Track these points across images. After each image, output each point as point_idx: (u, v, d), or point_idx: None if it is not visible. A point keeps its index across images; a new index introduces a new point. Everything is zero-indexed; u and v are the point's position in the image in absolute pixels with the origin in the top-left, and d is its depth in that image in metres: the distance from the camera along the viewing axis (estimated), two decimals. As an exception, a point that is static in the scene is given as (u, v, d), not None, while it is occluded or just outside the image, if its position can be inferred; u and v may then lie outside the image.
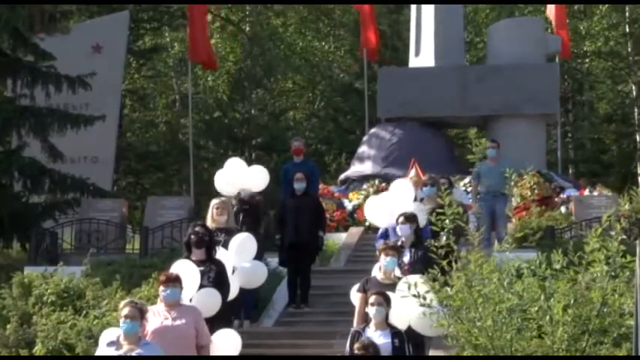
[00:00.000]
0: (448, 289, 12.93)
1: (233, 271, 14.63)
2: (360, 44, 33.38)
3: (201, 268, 13.77)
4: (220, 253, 14.43)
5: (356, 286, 13.80)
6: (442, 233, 13.30)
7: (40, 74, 24.83)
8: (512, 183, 22.40)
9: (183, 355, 12.44)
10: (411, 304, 13.08)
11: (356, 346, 11.63)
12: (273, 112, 44.01)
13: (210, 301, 13.56)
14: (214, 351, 13.05)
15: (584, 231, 18.87)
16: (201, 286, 13.59)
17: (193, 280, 13.52)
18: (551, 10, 31.53)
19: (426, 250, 14.46)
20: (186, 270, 13.54)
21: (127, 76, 36.20)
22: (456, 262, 13.01)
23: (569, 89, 41.55)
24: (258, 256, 16.13)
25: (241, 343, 13.21)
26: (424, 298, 12.81)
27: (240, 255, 14.60)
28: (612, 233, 12.89)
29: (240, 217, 16.36)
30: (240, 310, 15.69)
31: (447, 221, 13.43)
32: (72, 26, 28.45)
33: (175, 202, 24.64)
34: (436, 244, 13.60)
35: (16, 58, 25.27)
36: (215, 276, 14.07)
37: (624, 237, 12.80)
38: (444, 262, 13.18)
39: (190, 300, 13.18)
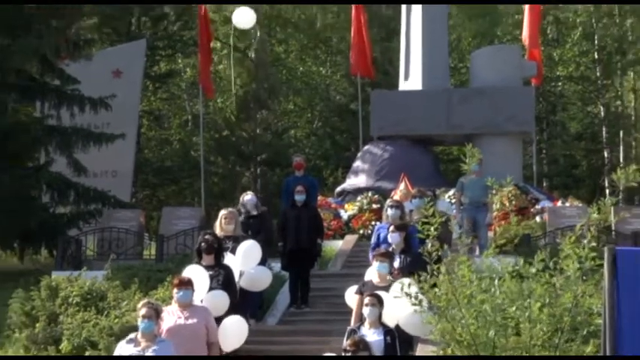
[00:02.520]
0: (437, 289, 12.98)
1: (240, 275, 14.67)
2: (352, 66, 33.40)
3: (211, 272, 13.79)
4: (228, 259, 14.45)
5: (352, 288, 13.84)
6: (427, 241, 13.36)
7: (66, 97, 24.84)
8: (495, 191, 22.51)
9: (195, 350, 12.44)
10: (401, 306, 13.10)
11: (347, 342, 11.65)
12: (276, 131, 44.01)
13: (219, 302, 13.56)
14: (223, 333, 13.10)
15: (558, 238, 18.89)
16: (211, 289, 13.61)
17: (204, 283, 13.54)
18: (526, 38, 31.56)
19: (414, 257, 14.54)
20: (198, 274, 13.54)
21: (143, 98, 36.24)
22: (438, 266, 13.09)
23: (543, 110, 41.57)
24: (262, 262, 16.20)
25: (247, 329, 13.34)
26: (416, 298, 12.88)
27: (246, 260, 14.62)
28: (584, 241, 12.93)
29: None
30: (247, 310, 15.69)
31: (432, 229, 13.50)
32: (94, 53, 28.47)
33: (188, 212, 24.63)
34: (426, 250, 13.68)
35: (43, 82, 25.29)
36: (223, 279, 14.09)
37: (594, 244, 12.83)
38: (435, 266, 13.25)
39: (201, 301, 13.18)
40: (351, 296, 13.83)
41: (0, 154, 23.71)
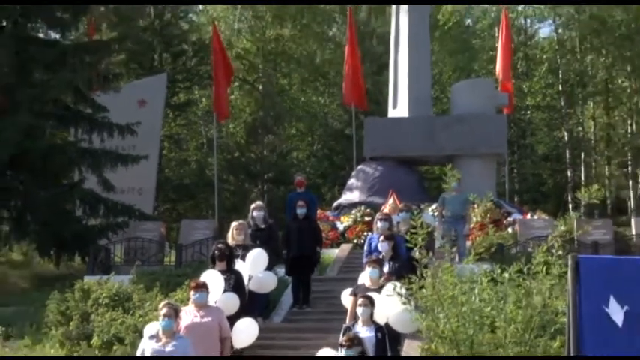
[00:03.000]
0: (423, 291, 13.00)
1: (249, 279, 14.69)
2: (344, 96, 33.48)
3: (224, 277, 13.79)
4: (239, 265, 14.47)
5: (347, 290, 13.89)
6: (414, 249, 13.40)
7: (97, 123, 24.87)
8: (475, 206, 22.52)
9: (210, 345, 12.43)
10: (390, 306, 13.11)
11: (343, 338, 11.66)
12: (280, 153, 44.07)
13: (230, 303, 13.56)
14: (237, 333, 13.11)
15: (530, 247, 18.89)
16: (224, 291, 13.62)
17: (218, 286, 13.53)
18: (499, 72, 31.62)
19: (401, 263, 14.58)
20: (212, 278, 13.55)
21: (164, 125, 36.25)
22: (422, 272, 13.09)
23: (514, 135, 41.63)
24: (269, 268, 16.20)
25: (258, 330, 13.35)
26: (406, 298, 12.90)
27: (254, 266, 14.71)
28: (553, 250, 12.96)
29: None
30: (255, 310, 15.68)
31: (421, 237, 13.54)
32: (122, 85, 28.50)
33: (203, 224, 24.58)
34: (415, 257, 13.72)
35: (77, 110, 25.33)
36: (234, 283, 14.10)
37: (560, 252, 12.85)
38: (423, 271, 13.26)
39: (215, 302, 13.17)
40: (346, 297, 13.87)
41: (39, 173, 23.74)
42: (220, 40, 32.74)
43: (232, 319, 13.18)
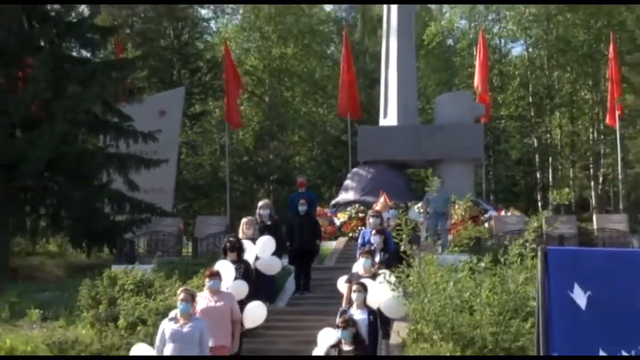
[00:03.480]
0: (410, 279, 13.00)
1: (256, 259, 14.75)
2: (339, 107, 33.50)
3: (234, 266, 13.78)
4: (248, 245, 14.62)
5: (342, 278, 13.88)
6: (401, 243, 13.43)
7: (123, 131, 24.84)
8: (455, 204, 22.53)
9: (222, 327, 12.39)
10: (381, 293, 13.10)
11: (339, 320, 11.63)
12: (284, 157, 44.05)
13: (240, 289, 13.55)
14: (248, 313, 13.11)
15: (506, 240, 18.88)
16: (235, 279, 13.61)
17: (229, 274, 13.51)
18: (477, 86, 31.61)
19: (390, 254, 14.58)
20: (224, 267, 13.52)
21: (182, 132, 36.22)
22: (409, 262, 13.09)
23: (490, 141, 41.62)
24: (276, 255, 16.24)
25: (265, 313, 13.33)
26: (395, 285, 12.89)
27: (263, 249, 14.96)
28: (527, 243, 12.96)
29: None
30: (262, 295, 15.66)
31: (405, 233, 13.56)
32: (145, 98, 28.55)
33: (216, 220, 24.59)
34: (402, 250, 13.72)
35: (105, 120, 25.31)
36: (244, 271, 14.10)
37: (533, 246, 12.85)
38: (409, 261, 13.27)
39: (227, 288, 13.15)
40: (341, 284, 13.86)
41: (73, 175, 23.74)
42: (231, 57, 32.79)
43: (242, 304, 13.19)
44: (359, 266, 14.01)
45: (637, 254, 8.27)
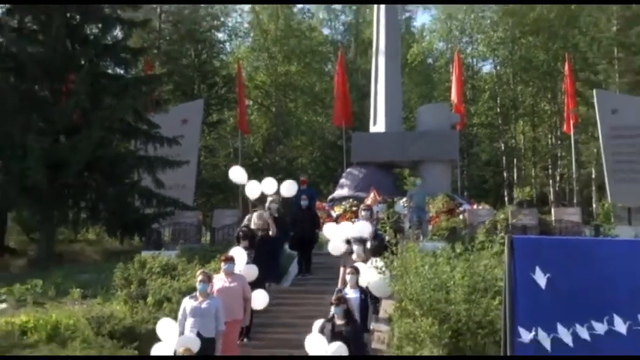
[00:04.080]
0: (395, 263, 13.01)
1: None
2: (335, 117, 33.45)
3: (246, 252, 13.80)
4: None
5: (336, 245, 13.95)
6: (386, 233, 13.51)
7: (151, 137, 24.83)
8: (430, 201, 22.53)
9: (235, 303, 12.38)
10: (371, 275, 13.12)
11: (333, 298, 11.65)
12: (289, 159, 44.05)
13: (251, 272, 13.56)
14: (254, 300, 13.07)
15: (475, 229, 18.90)
16: (246, 263, 13.61)
17: (242, 259, 13.51)
18: (454, 98, 31.60)
19: (379, 242, 14.59)
20: (237, 253, 13.52)
21: (201, 138, 36.16)
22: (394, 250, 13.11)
23: (464, 145, 41.61)
24: (281, 246, 16.30)
25: (268, 297, 13.29)
26: (381, 269, 12.91)
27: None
28: (497, 232, 13.01)
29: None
30: (271, 279, 15.67)
31: (389, 225, 13.65)
32: (170, 108, 28.56)
33: (230, 213, 24.52)
34: (387, 238, 13.73)
35: (136, 127, 25.29)
36: (254, 257, 14.12)
37: (502, 234, 12.88)
38: (394, 249, 13.28)
39: (239, 271, 13.15)
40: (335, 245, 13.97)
41: (108, 174, 23.73)
42: (242, 74, 32.79)
43: (252, 284, 13.20)
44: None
45: (588, 242, 8.27)
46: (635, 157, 26.48)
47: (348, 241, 14.56)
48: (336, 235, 15.07)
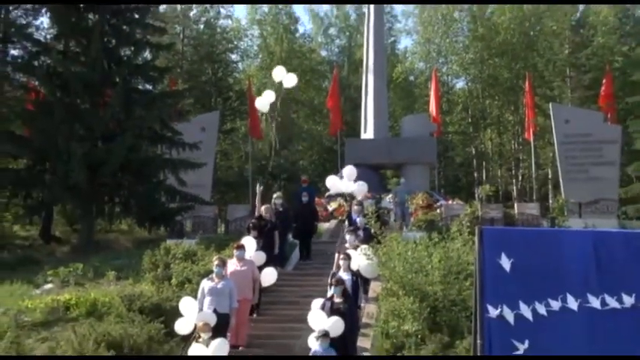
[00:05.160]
0: (381, 250, 13.01)
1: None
2: (331, 126, 33.37)
3: (255, 240, 13.80)
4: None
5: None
6: (370, 225, 13.55)
7: (174, 142, 24.76)
8: (410, 197, 22.50)
9: (246, 284, 12.37)
10: (361, 260, 13.12)
11: (332, 280, 11.65)
12: (292, 162, 43.96)
13: (259, 257, 13.57)
14: (265, 276, 13.09)
15: (450, 221, 18.91)
16: (256, 250, 13.61)
17: (252, 247, 13.50)
18: (432, 110, 31.55)
19: (368, 232, 14.61)
20: (248, 242, 13.52)
21: (217, 143, 36.06)
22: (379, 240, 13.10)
23: (440, 150, 41.56)
24: (285, 235, 16.27)
25: (277, 275, 13.31)
26: (369, 256, 12.89)
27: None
28: (467, 224, 12.99)
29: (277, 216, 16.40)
30: (276, 262, 15.67)
31: (374, 218, 13.68)
32: (191, 119, 28.48)
33: (242, 207, 24.48)
34: (373, 230, 13.74)
35: (162, 134, 25.22)
36: (262, 245, 14.14)
37: (470, 225, 12.88)
38: (380, 238, 13.28)
39: (249, 256, 13.15)
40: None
41: (138, 175, 23.69)
42: (252, 89, 32.76)
43: (261, 268, 13.20)
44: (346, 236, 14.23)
45: (546, 232, 8.28)
46: (585, 160, 26.54)
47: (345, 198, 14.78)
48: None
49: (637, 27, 43.18)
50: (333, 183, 18.34)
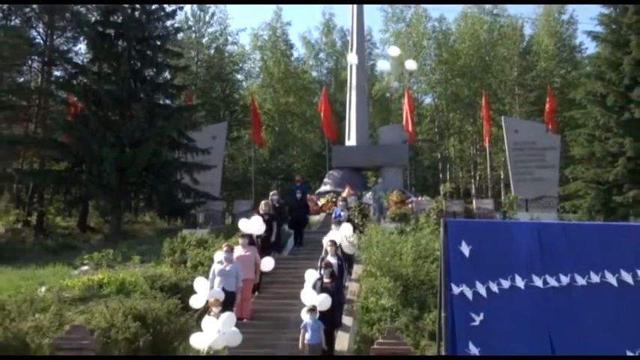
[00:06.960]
0: (362, 238, 13.02)
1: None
2: (326, 131, 33.34)
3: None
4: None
5: (325, 239, 13.88)
6: (355, 218, 13.55)
7: (189, 148, 24.73)
8: (386, 194, 22.50)
9: (249, 267, 12.36)
10: (345, 245, 13.12)
11: (322, 263, 11.65)
12: (288, 164, 43.88)
13: (268, 262, 13.46)
14: (264, 263, 13.04)
15: (419, 214, 18.94)
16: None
17: (258, 222, 13.40)
18: (405, 121, 31.58)
19: (350, 223, 14.58)
20: (255, 219, 13.42)
21: (225, 149, 35.90)
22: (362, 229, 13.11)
23: (412, 155, 41.64)
24: (282, 224, 16.22)
25: (274, 262, 13.27)
26: (352, 243, 12.91)
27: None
28: (434, 217, 13.02)
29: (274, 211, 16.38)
30: (275, 250, 15.64)
31: (357, 212, 13.66)
32: (203, 128, 28.40)
33: (246, 202, 24.51)
34: (356, 220, 13.72)
35: (179, 141, 25.18)
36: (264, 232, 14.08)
37: (435, 218, 12.92)
38: (361, 228, 13.29)
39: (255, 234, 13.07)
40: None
41: (159, 175, 23.64)
42: (255, 104, 32.68)
43: (261, 253, 13.19)
44: (332, 231, 14.09)
45: (499, 224, 8.33)
46: (531, 163, 26.75)
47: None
48: None
49: (572, 54, 43.65)
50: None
